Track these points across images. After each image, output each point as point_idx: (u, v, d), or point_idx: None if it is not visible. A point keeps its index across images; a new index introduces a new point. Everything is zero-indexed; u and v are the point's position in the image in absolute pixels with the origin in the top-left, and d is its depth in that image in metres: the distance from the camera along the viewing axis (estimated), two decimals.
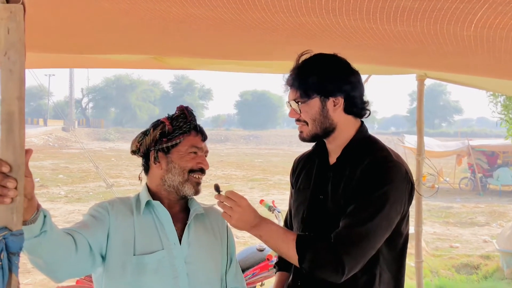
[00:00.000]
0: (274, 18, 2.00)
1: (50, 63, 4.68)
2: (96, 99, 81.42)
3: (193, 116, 2.08)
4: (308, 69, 1.93)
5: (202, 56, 3.67)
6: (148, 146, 2.03)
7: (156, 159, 2.01)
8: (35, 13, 2.10)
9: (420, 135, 4.85)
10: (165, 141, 2.00)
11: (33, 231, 1.49)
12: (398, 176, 1.87)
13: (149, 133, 2.04)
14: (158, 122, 2.07)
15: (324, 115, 1.93)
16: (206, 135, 2.10)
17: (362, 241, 1.79)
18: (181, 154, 2.00)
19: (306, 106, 1.93)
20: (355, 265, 1.80)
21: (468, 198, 19.21)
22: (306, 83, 1.92)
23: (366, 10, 1.71)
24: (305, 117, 1.94)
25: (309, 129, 1.96)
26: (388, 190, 1.83)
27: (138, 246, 1.91)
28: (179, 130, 2.01)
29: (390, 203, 1.83)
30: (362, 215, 1.81)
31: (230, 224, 1.93)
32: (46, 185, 18.73)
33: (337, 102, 1.93)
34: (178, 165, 1.99)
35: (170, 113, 2.10)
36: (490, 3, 1.48)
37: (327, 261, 1.79)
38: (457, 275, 8.83)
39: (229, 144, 57.64)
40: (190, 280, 1.94)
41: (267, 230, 1.91)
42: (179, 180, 1.99)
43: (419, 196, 4.77)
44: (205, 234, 2.08)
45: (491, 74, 3.47)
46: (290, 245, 1.85)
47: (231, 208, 1.87)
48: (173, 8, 1.96)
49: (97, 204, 2.00)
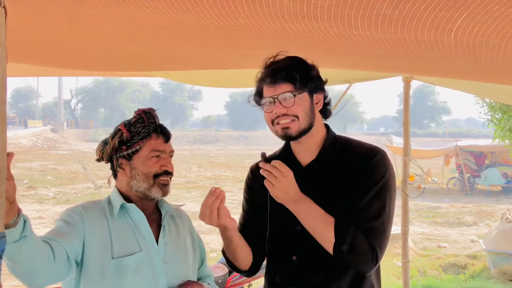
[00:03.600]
0: (257, 24, 2.01)
1: (35, 71, 4.68)
2: (85, 100, 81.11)
3: (152, 118, 2.01)
4: (298, 63, 1.93)
5: (187, 64, 3.67)
6: (110, 155, 2.01)
7: (120, 166, 2.00)
8: (18, 23, 2.11)
9: (407, 136, 4.89)
10: (124, 148, 1.98)
11: (13, 236, 1.48)
12: (390, 163, 1.93)
13: (108, 142, 2.02)
14: (116, 129, 2.03)
15: (312, 110, 1.92)
16: (169, 135, 2.05)
17: (385, 230, 1.86)
18: (143, 159, 1.97)
19: (300, 99, 1.89)
20: (383, 254, 1.87)
21: (456, 198, 19.36)
22: (301, 75, 1.89)
23: (347, 17, 1.73)
24: (298, 110, 1.89)
25: (299, 123, 1.90)
26: (388, 178, 1.89)
27: (115, 249, 1.91)
28: (138, 135, 1.97)
29: (392, 189, 1.91)
30: (377, 206, 1.85)
31: (272, 193, 1.90)
32: (34, 187, 18.63)
33: (318, 100, 1.94)
34: (141, 171, 1.97)
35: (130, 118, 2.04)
36: (468, 12, 1.51)
37: (365, 249, 1.83)
38: (445, 274, 8.91)
39: (218, 145, 57.61)
40: (168, 279, 1.96)
41: (308, 208, 1.89)
42: (144, 186, 1.97)
43: (406, 197, 4.80)
44: (177, 233, 2.10)
45: (473, 78, 3.51)
46: (328, 227, 1.84)
47: (275, 178, 1.86)
48: (157, 14, 1.97)
49: (70, 209, 1.97)
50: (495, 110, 9.68)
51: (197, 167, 29.26)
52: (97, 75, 4.53)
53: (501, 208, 15.25)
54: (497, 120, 9.58)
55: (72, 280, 1.90)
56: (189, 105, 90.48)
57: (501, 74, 2.94)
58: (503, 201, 18.71)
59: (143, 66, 3.80)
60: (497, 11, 1.49)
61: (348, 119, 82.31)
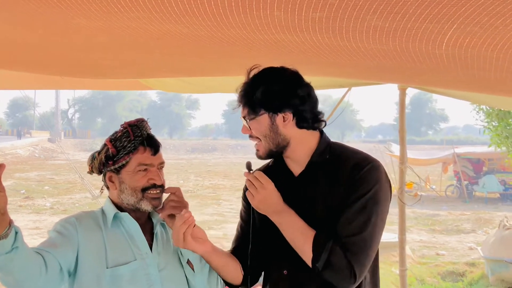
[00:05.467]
0: (249, 36, 2.02)
1: (30, 84, 4.68)
2: (82, 110, 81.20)
3: (139, 131, 1.99)
4: (255, 84, 1.88)
5: (183, 74, 3.69)
6: (99, 169, 2.02)
7: (110, 179, 2.01)
8: (10, 31, 2.11)
9: (403, 144, 4.88)
10: (111, 163, 1.98)
11: (4, 247, 1.49)
12: (382, 175, 1.87)
13: (95, 157, 2.02)
14: (103, 144, 2.03)
15: (274, 131, 1.88)
16: (157, 146, 2.02)
17: (366, 246, 1.80)
18: (130, 174, 1.96)
19: (255, 122, 1.89)
20: (364, 270, 1.82)
21: (454, 206, 19.37)
22: (253, 99, 1.87)
23: (339, 29, 1.73)
24: (256, 133, 1.91)
25: (263, 145, 1.92)
26: (377, 190, 1.83)
27: (110, 259, 1.91)
28: (124, 150, 1.96)
29: (381, 203, 1.83)
30: (360, 221, 1.80)
31: (252, 204, 1.91)
32: (31, 197, 18.60)
33: (287, 118, 1.88)
34: (129, 185, 1.96)
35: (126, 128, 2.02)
36: (458, 23, 1.51)
37: (342, 265, 1.79)
38: (443, 282, 8.90)
39: (216, 153, 57.58)
40: (164, 286, 1.96)
41: (289, 220, 1.87)
42: (133, 200, 1.97)
43: (403, 205, 4.79)
44: (168, 240, 2.09)
45: (467, 89, 3.51)
46: (307, 241, 1.82)
47: (256, 188, 1.86)
48: (150, 25, 1.97)
49: (64, 219, 1.97)
50: (491, 117, 9.72)
51: (194, 176, 29.25)
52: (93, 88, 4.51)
53: (499, 215, 15.24)
54: (494, 127, 9.62)
55: None
56: (187, 114, 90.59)
57: (495, 86, 2.94)
58: (501, 208, 18.73)
59: (138, 73, 3.80)
60: (486, 22, 1.49)
61: (346, 126, 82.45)
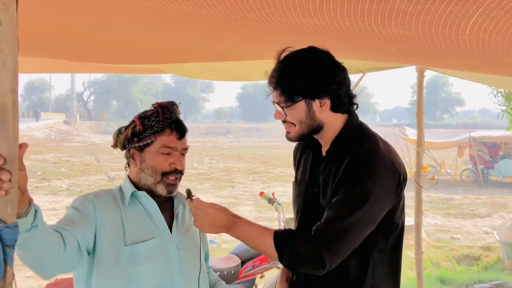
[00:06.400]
0: (269, 18, 2.00)
1: (47, 67, 4.70)
2: (97, 92, 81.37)
3: (169, 113, 1.99)
4: (291, 70, 1.85)
5: (200, 59, 3.67)
6: (123, 144, 2.02)
7: (132, 156, 2.01)
8: (29, 16, 2.11)
9: (420, 127, 4.85)
10: (136, 140, 1.98)
11: (24, 225, 1.49)
12: (382, 169, 1.82)
13: (122, 131, 2.03)
14: (132, 120, 2.03)
15: (310, 117, 1.88)
16: (184, 131, 2.01)
17: (341, 236, 1.77)
18: (153, 154, 1.96)
19: (292, 110, 1.88)
20: (335, 259, 1.77)
21: (469, 190, 19.21)
22: (290, 86, 1.85)
23: (361, 12, 1.71)
24: (292, 120, 1.90)
25: (296, 130, 1.92)
26: (370, 185, 1.78)
27: (128, 236, 1.92)
28: (151, 129, 1.96)
29: (373, 198, 1.78)
30: (343, 210, 1.77)
31: (203, 231, 1.96)
32: (48, 178, 18.76)
33: (324, 103, 1.87)
34: (150, 166, 1.97)
35: None
36: (484, 7, 1.48)
37: (306, 255, 1.77)
38: (458, 266, 8.85)
39: (230, 136, 57.63)
40: (181, 265, 1.98)
41: (243, 230, 1.88)
42: (151, 181, 1.97)
43: (419, 188, 4.77)
44: (189, 221, 2.09)
45: (489, 72, 3.46)
46: (268, 243, 1.81)
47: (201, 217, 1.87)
48: (167, 6, 1.96)
49: (82, 196, 1.98)
50: (509, 100, 9.58)
51: (209, 159, 29.30)
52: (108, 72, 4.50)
53: None
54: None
55: (84, 268, 1.91)
56: (201, 97, 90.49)
57: None
58: None
59: (154, 58, 3.80)
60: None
61: (361, 110, 78.65)
